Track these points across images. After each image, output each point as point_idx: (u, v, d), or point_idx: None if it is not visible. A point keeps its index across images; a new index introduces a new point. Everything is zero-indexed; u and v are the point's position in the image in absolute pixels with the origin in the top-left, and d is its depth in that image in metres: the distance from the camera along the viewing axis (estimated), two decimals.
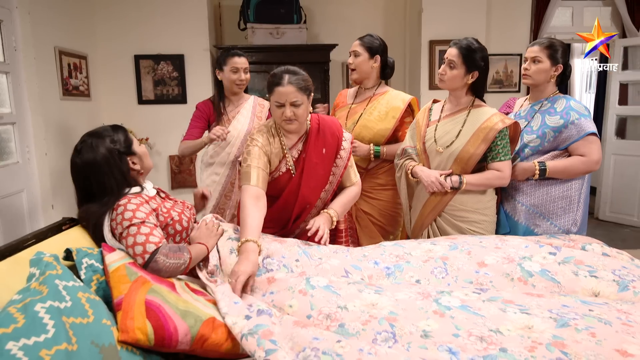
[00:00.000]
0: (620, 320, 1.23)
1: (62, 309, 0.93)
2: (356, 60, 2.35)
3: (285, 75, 1.72)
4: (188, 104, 4.10)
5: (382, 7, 4.58)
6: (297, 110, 1.73)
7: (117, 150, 1.49)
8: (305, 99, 1.75)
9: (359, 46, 2.35)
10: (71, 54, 3.54)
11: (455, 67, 2.01)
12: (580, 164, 2.03)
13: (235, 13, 4.40)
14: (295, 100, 1.71)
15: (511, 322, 1.23)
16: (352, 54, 2.37)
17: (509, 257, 1.62)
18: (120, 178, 1.47)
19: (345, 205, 1.94)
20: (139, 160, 1.57)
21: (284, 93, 1.70)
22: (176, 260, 1.38)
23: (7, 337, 0.81)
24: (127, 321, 1.05)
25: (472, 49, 1.99)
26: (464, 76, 2.02)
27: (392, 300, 1.33)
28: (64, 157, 3.42)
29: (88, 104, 3.83)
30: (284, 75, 1.72)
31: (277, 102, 1.73)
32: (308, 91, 1.77)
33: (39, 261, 1.07)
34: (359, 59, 2.35)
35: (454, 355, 1.10)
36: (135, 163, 1.56)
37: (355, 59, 2.35)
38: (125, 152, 1.52)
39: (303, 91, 1.73)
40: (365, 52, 2.34)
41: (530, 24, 4.48)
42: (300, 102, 1.72)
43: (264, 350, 1.11)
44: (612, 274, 1.52)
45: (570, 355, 1.09)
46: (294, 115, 1.73)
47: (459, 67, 2.00)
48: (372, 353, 1.09)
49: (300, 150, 1.87)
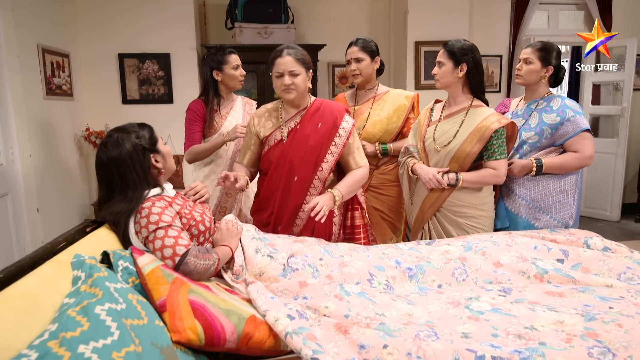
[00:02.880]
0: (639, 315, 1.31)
1: (119, 311, 0.91)
2: (360, 66, 2.40)
3: (285, 49, 1.89)
4: (175, 104, 4.03)
5: (367, 8, 4.63)
6: (295, 79, 1.86)
7: (141, 146, 1.48)
8: (304, 71, 1.88)
9: (359, 52, 2.39)
10: (54, 52, 3.42)
11: (443, 64, 2.11)
12: (574, 160, 2.14)
13: (219, 12, 4.35)
14: (293, 69, 1.85)
15: (543, 319, 1.30)
16: (352, 60, 2.40)
17: (522, 256, 1.73)
18: (141, 174, 1.46)
19: (350, 187, 1.97)
20: (162, 159, 1.57)
21: (283, 63, 1.85)
22: (206, 261, 1.37)
23: (76, 340, 0.79)
24: (177, 322, 1.04)
25: (456, 44, 2.09)
26: (453, 70, 2.10)
27: (426, 312, 1.37)
28: (48, 158, 3.31)
29: (71, 103, 3.71)
30: (283, 49, 1.89)
31: (277, 72, 1.88)
32: (306, 65, 1.89)
33: (81, 264, 1.04)
34: (363, 64, 2.40)
35: (498, 349, 1.14)
36: (157, 161, 1.55)
37: (359, 64, 2.39)
38: (149, 148, 1.52)
39: (301, 62, 1.87)
40: (367, 57, 2.40)
41: (509, 27, 4.63)
42: (298, 72, 1.86)
43: (311, 349, 1.12)
44: (617, 280, 1.64)
45: (605, 342, 1.16)
46: (293, 84, 1.86)
47: (446, 63, 2.10)
48: (421, 357, 1.11)
49: (297, 122, 1.97)
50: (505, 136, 2.09)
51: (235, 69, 2.46)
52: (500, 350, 1.13)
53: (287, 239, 1.73)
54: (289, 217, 1.96)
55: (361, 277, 1.57)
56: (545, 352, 1.11)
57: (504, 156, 2.09)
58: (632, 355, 1.11)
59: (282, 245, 1.67)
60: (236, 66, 2.46)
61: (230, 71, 2.45)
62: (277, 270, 1.53)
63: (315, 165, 1.93)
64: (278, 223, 1.97)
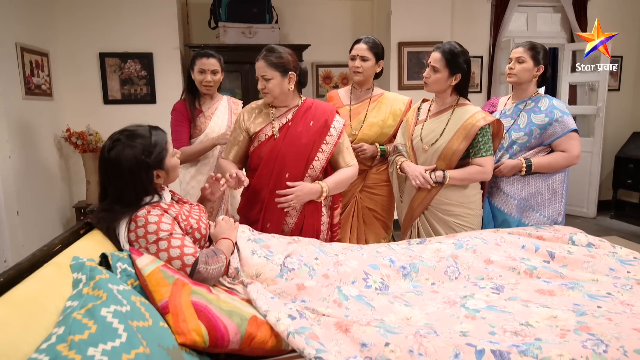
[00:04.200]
0: (626, 314, 1.36)
1: (125, 312, 0.90)
2: (364, 65, 2.37)
3: (262, 53, 1.93)
4: (158, 104, 3.98)
5: (351, 9, 4.65)
6: (267, 83, 1.90)
7: (145, 163, 1.40)
8: (277, 75, 1.89)
9: (367, 51, 2.36)
10: (33, 50, 3.34)
11: (438, 70, 2.11)
12: (562, 159, 2.20)
13: (202, 11, 4.31)
14: (264, 74, 1.89)
15: (537, 315, 1.33)
16: (358, 57, 2.37)
17: (511, 256, 1.77)
18: (140, 190, 1.41)
19: (338, 183, 2.01)
20: (164, 174, 1.49)
21: (257, 67, 1.92)
22: (217, 264, 1.36)
23: (85, 343, 0.77)
24: (181, 324, 1.03)
25: (455, 52, 2.09)
26: (448, 79, 2.12)
27: (424, 313, 1.38)
28: (28, 160, 3.22)
29: (50, 103, 3.62)
30: (261, 53, 1.94)
31: (256, 75, 1.95)
32: (281, 67, 1.90)
33: (81, 266, 1.03)
34: (368, 64, 2.37)
35: (496, 343, 1.17)
36: (159, 177, 1.48)
37: (364, 63, 2.37)
38: (153, 165, 1.43)
39: (273, 67, 1.88)
40: (373, 57, 2.38)
41: (490, 28, 4.72)
42: (270, 76, 1.89)
43: (314, 348, 1.13)
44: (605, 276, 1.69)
45: (597, 335, 1.20)
46: (266, 88, 1.92)
47: (442, 71, 2.10)
48: (423, 354, 1.13)
49: (289, 119, 2.00)
50: (491, 133, 2.14)
51: (200, 73, 2.41)
52: (498, 345, 1.16)
53: (281, 240, 1.73)
54: (278, 214, 1.96)
55: (357, 276, 1.58)
56: (542, 346, 1.14)
57: (490, 153, 2.14)
58: (624, 345, 1.15)
59: (276, 246, 1.67)
60: (201, 70, 2.41)
61: (196, 74, 2.42)
62: (274, 271, 1.53)
63: (307, 163, 1.94)
64: (267, 220, 1.98)
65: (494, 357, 1.11)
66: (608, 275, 1.70)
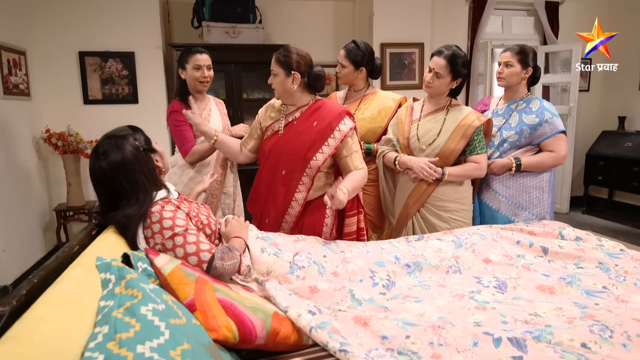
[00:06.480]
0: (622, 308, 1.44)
1: (161, 310, 0.90)
2: (342, 71, 2.46)
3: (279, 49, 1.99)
4: (140, 104, 3.91)
5: (333, 10, 4.69)
6: (274, 79, 1.97)
7: (143, 149, 1.45)
8: (282, 72, 1.93)
9: (344, 59, 2.43)
10: (10, 49, 3.22)
11: (442, 76, 2.16)
12: (550, 159, 2.30)
13: (184, 10, 4.26)
14: (273, 69, 1.96)
15: (544, 306, 1.41)
16: (338, 63, 2.45)
17: (507, 254, 1.85)
18: (149, 175, 1.42)
19: (354, 184, 1.97)
20: (160, 158, 1.54)
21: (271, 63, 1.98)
22: (232, 261, 1.37)
23: (132, 341, 0.77)
24: (210, 320, 1.03)
25: (459, 59, 2.15)
26: (449, 84, 2.19)
27: (435, 307, 1.43)
28: (5, 161, 3.11)
29: (29, 103, 3.51)
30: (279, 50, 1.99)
31: None
32: (286, 66, 1.93)
33: (108, 266, 1.01)
34: (345, 71, 2.45)
35: (511, 331, 1.22)
36: (158, 161, 1.52)
37: (342, 69, 2.44)
38: (149, 149, 1.48)
39: (280, 64, 1.93)
40: (350, 65, 2.43)
41: (467, 30, 4.85)
42: (276, 72, 1.96)
43: (337, 342, 1.15)
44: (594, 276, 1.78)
45: (602, 321, 1.27)
46: (273, 84, 1.99)
47: (446, 76, 2.17)
48: (443, 344, 1.17)
49: (296, 118, 2.03)
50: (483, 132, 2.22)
51: (196, 69, 2.36)
52: (513, 332, 1.21)
53: (287, 238, 1.75)
54: (276, 210, 1.97)
55: (364, 274, 1.62)
56: (554, 332, 1.20)
57: (484, 150, 2.22)
58: (627, 331, 1.23)
59: (284, 243, 1.69)
60: (197, 66, 2.36)
61: (190, 71, 2.37)
62: (285, 268, 1.55)
63: (303, 161, 1.95)
64: (265, 215, 2.00)
65: (510, 344, 1.16)
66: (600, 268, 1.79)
